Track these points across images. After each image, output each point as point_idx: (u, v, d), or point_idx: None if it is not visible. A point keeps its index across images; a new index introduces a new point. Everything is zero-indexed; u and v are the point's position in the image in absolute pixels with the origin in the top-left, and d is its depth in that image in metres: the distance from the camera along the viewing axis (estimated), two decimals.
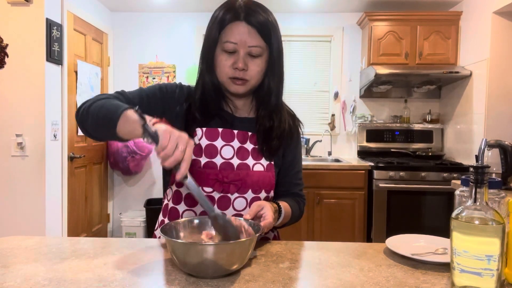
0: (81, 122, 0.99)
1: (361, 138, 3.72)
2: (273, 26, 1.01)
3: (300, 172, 1.20)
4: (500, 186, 0.75)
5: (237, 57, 0.99)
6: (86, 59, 3.33)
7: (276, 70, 1.05)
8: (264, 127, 1.08)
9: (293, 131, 1.16)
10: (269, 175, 1.07)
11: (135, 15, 3.85)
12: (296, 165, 1.17)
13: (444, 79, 3.43)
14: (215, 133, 1.05)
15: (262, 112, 1.09)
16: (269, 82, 1.06)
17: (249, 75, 1.01)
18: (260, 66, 1.01)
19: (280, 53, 1.05)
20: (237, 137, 1.06)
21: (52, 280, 0.74)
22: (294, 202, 1.15)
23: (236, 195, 1.03)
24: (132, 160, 3.54)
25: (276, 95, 1.07)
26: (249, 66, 1.00)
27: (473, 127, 3.17)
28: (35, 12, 2.58)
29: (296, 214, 1.15)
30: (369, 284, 0.74)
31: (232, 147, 1.05)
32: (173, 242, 0.75)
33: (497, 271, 0.64)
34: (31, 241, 0.98)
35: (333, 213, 3.18)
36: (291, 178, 1.17)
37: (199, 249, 0.73)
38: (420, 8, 3.61)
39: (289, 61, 3.81)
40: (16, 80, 2.59)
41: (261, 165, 1.06)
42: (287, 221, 1.11)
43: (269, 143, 1.08)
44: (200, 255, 0.72)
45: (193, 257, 0.73)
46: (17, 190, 2.62)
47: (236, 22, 0.99)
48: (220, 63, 1.01)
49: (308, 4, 3.57)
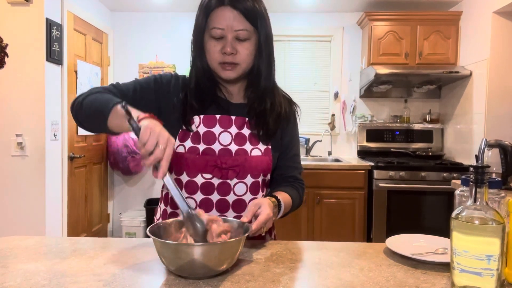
0: (75, 115, 1.01)
1: (361, 138, 3.72)
2: (260, 12, 1.01)
3: (297, 156, 1.19)
4: (500, 186, 0.75)
5: (225, 42, 0.99)
6: (86, 59, 3.33)
7: (265, 52, 1.04)
8: (255, 110, 1.08)
9: (289, 115, 1.15)
10: (266, 159, 1.07)
11: (135, 15, 3.85)
12: (293, 148, 1.17)
13: (444, 79, 3.43)
14: (212, 120, 1.05)
15: (252, 94, 1.09)
16: (258, 64, 1.05)
17: (238, 59, 1.01)
18: (249, 49, 1.01)
19: (268, 38, 1.04)
20: (234, 123, 1.06)
21: (52, 280, 0.74)
22: (293, 189, 1.14)
23: (236, 180, 1.04)
24: (132, 160, 3.54)
25: (266, 78, 1.07)
26: (237, 50, 1.00)
27: (473, 127, 3.17)
28: (35, 12, 2.58)
29: (297, 202, 1.14)
30: (369, 284, 0.74)
31: (230, 133, 1.05)
32: (159, 243, 0.75)
33: (497, 271, 0.64)
34: (31, 241, 0.98)
35: (333, 213, 3.18)
36: (288, 161, 1.16)
37: (183, 250, 0.73)
38: (420, 8, 3.61)
39: (289, 61, 3.81)
40: (16, 80, 2.59)
41: (258, 150, 1.07)
42: (288, 211, 1.11)
43: (264, 127, 1.07)
44: (186, 255, 0.73)
45: (179, 258, 0.73)
46: (17, 190, 2.62)
47: (221, 7, 0.99)
48: (209, 49, 1.02)
49: (308, 4, 3.57)
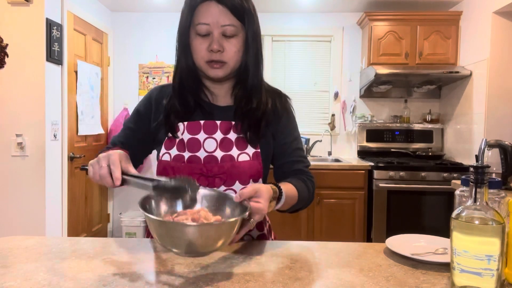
0: None
1: (361, 138, 3.72)
2: (247, 8, 0.98)
3: (300, 150, 1.12)
4: (500, 186, 0.75)
5: (211, 39, 0.96)
6: (86, 59, 3.33)
7: (252, 49, 1.00)
8: (242, 109, 1.03)
9: (280, 111, 1.09)
10: (255, 163, 1.02)
11: (135, 15, 3.85)
12: (292, 143, 1.10)
13: (444, 79, 3.43)
14: (197, 126, 1.02)
15: (240, 92, 1.05)
16: (246, 62, 1.01)
17: (226, 56, 0.97)
18: (236, 46, 0.97)
19: (256, 35, 1.01)
20: (220, 128, 1.02)
21: (52, 280, 0.74)
22: (300, 181, 1.05)
23: (223, 187, 1.00)
24: None
25: (253, 76, 1.03)
26: (225, 47, 0.96)
27: (473, 127, 3.17)
28: (35, 12, 2.58)
29: (305, 195, 1.05)
30: (369, 284, 0.74)
31: (215, 140, 1.01)
32: (151, 220, 0.72)
33: (497, 271, 0.64)
34: (31, 241, 0.98)
35: (333, 213, 3.18)
36: (290, 157, 1.09)
37: (178, 228, 0.70)
38: (420, 8, 3.61)
39: (289, 61, 3.81)
40: (16, 80, 2.59)
41: (246, 155, 1.02)
42: (294, 204, 1.02)
43: (251, 129, 1.02)
44: (180, 235, 0.70)
45: (172, 236, 0.71)
46: (17, 190, 2.62)
47: (206, 2, 0.95)
48: (195, 47, 0.98)
49: (308, 4, 3.57)
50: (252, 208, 0.81)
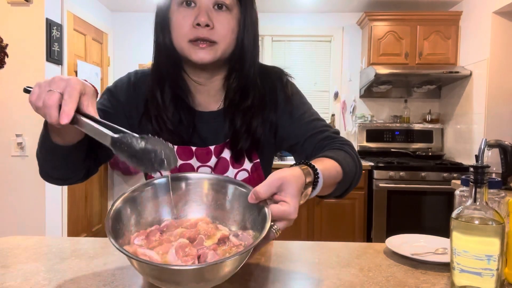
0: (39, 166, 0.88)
1: (361, 138, 3.72)
2: None
3: (318, 121, 0.89)
4: (500, 186, 0.75)
5: (198, 10, 0.75)
6: (86, 59, 3.33)
7: (251, 31, 0.81)
8: (236, 106, 0.84)
9: (277, 95, 0.89)
10: (255, 176, 0.89)
11: (135, 15, 3.85)
12: (306, 119, 0.88)
13: (444, 79, 3.43)
14: (189, 152, 0.85)
15: (234, 83, 0.84)
16: (242, 46, 0.81)
17: (216, 35, 0.76)
18: (230, 23, 0.77)
19: (254, 15, 0.83)
20: (214, 154, 0.86)
21: (52, 280, 0.74)
22: (336, 150, 0.80)
23: None
24: None
25: (251, 60, 0.83)
26: (215, 23, 0.76)
27: (473, 127, 3.17)
28: (35, 12, 2.58)
29: (351, 166, 0.78)
30: (369, 284, 0.74)
31: (209, 167, 0.87)
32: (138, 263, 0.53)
33: (497, 271, 0.64)
34: (31, 241, 0.98)
35: (333, 213, 3.18)
36: (306, 132, 0.86)
37: (172, 272, 0.52)
38: (420, 8, 3.61)
39: (289, 61, 3.80)
40: (16, 80, 2.59)
41: (244, 171, 0.88)
42: (340, 181, 0.75)
43: (249, 138, 0.84)
44: (179, 279, 0.53)
45: (167, 280, 0.54)
46: (17, 190, 2.62)
47: None
48: (176, 22, 0.77)
49: (308, 4, 3.57)
50: (274, 213, 0.59)
